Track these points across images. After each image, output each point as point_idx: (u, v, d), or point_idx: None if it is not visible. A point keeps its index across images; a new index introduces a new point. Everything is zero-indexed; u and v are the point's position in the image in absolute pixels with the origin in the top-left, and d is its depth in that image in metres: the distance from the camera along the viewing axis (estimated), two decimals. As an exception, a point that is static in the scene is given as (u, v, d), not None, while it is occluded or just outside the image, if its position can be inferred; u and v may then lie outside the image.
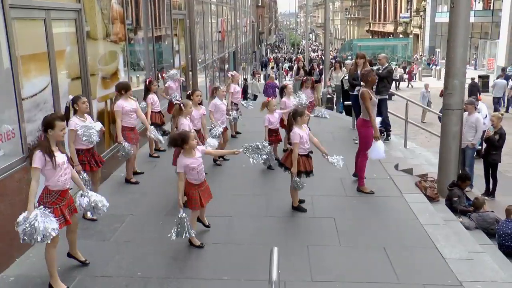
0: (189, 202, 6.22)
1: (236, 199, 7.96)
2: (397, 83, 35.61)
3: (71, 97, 6.75)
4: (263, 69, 54.38)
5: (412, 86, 36.50)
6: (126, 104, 8.15)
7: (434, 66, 43.96)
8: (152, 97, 9.95)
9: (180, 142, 6.01)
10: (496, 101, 22.90)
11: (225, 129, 9.79)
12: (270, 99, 9.75)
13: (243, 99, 14.20)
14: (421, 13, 56.41)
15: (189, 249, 6.27)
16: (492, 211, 8.55)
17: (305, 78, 12.84)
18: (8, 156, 5.95)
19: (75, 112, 6.65)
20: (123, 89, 8.20)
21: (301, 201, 7.61)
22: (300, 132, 7.12)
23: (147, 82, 10.11)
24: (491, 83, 29.57)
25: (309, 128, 7.59)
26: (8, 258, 5.82)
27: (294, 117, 7.21)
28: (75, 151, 6.63)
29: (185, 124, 7.69)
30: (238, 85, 12.38)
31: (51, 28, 6.96)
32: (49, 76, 6.93)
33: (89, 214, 6.82)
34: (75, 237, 5.72)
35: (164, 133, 10.72)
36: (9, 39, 5.86)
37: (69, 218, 5.26)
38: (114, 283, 5.49)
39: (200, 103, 8.87)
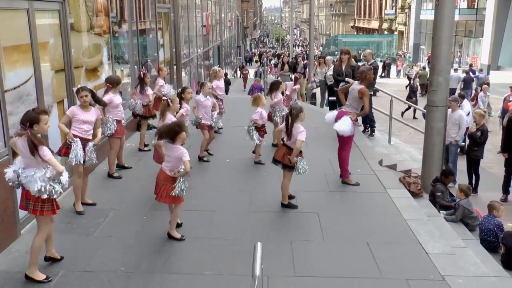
0: (174, 197, 6.13)
1: (219, 194, 7.94)
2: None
3: (75, 89, 6.92)
4: (248, 63, 54.38)
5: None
6: (115, 98, 8.28)
7: (423, 63, 44.12)
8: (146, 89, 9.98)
9: (172, 134, 6.02)
10: (451, 92, 24.13)
11: (210, 127, 9.64)
12: (260, 94, 9.70)
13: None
14: (406, 10, 56.70)
15: (172, 244, 6.24)
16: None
17: (297, 75, 12.92)
18: (-11, 149, 5.87)
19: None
20: (115, 83, 8.36)
21: (291, 197, 7.63)
22: (304, 130, 7.08)
23: (141, 75, 10.05)
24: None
25: None
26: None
27: (293, 116, 7.09)
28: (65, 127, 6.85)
29: (171, 120, 7.60)
30: (220, 80, 12.22)
31: (34, 19, 6.86)
32: (32, 68, 6.84)
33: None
34: (51, 231, 5.66)
35: (149, 128, 10.72)
36: (-9, 30, 5.78)
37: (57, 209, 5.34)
38: (97, 278, 5.45)
39: None
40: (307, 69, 22.88)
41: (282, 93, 10.51)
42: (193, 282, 5.43)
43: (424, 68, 36.18)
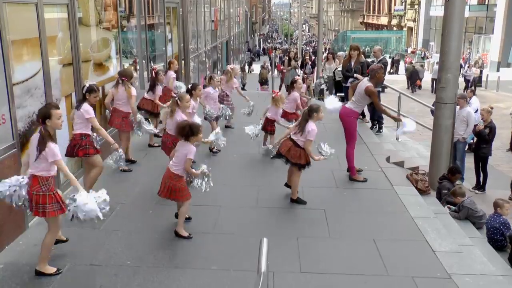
0: (181, 194, 6.17)
1: (226, 189, 7.93)
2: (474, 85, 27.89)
3: (88, 84, 6.91)
4: (256, 59, 54.29)
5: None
6: (132, 92, 8.44)
7: (426, 60, 43.96)
8: (157, 88, 10.01)
9: (190, 133, 6.02)
10: (435, 82, 26.42)
11: (216, 119, 9.72)
12: (279, 93, 9.71)
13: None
14: (416, 6, 56.40)
15: (179, 238, 6.25)
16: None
17: (305, 76, 12.91)
18: (-2, 142, 5.89)
19: (85, 100, 6.81)
20: (129, 76, 8.46)
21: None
22: (315, 128, 7.08)
23: (153, 73, 10.03)
24: (484, 77, 29.82)
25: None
26: (-3, 245, 5.78)
27: (310, 113, 7.10)
28: (106, 133, 7.04)
29: (181, 118, 7.56)
30: (236, 77, 12.19)
31: (43, 13, 6.87)
32: (41, 61, 6.85)
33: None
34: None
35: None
36: (0, 23, 5.78)
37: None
38: (103, 271, 5.47)
39: None
40: (315, 69, 22.73)
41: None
42: (200, 277, 5.44)
43: (411, 62, 36.11)
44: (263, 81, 25.23)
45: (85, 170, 7.22)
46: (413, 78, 29.87)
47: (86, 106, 6.75)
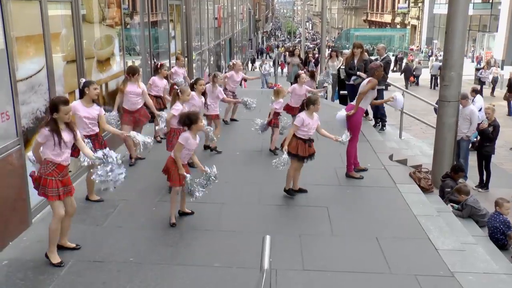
0: (170, 178, 6.35)
1: (229, 186, 7.93)
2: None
3: (83, 80, 6.85)
4: (259, 57, 54.26)
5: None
6: (131, 88, 8.44)
7: (432, 58, 43.82)
8: (154, 79, 9.96)
9: (188, 121, 6.16)
10: (433, 78, 29.71)
11: (217, 116, 9.68)
12: (280, 86, 9.73)
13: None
14: (419, 4, 56.27)
15: (181, 235, 6.26)
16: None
17: (311, 70, 12.90)
18: (2, 138, 5.87)
19: (83, 96, 6.68)
20: (130, 73, 8.46)
21: (303, 191, 7.66)
22: (305, 118, 7.14)
23: (158, 66, 10.04)
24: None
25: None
26: (2, 241, 5.79)
27: (307, 104, 7.22)
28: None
29: (178, 110, 7.60)
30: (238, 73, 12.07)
31: (47, 10, 6.88)
32: (44, 58, 6.87)
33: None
34: (69, 223, 5.69)
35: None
36: (4, 20, 5.78)
37: (63, 196, 5.33)
38: (106, 268, 5.48)
39: (203, 93, 8.81)
40: (318, 66, 22.68)
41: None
42: (202, 274, 5.44)
43: (412, 60, 36.10)
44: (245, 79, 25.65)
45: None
46: (406, 75, 31.05)
47: (75, 103, 6.67)
